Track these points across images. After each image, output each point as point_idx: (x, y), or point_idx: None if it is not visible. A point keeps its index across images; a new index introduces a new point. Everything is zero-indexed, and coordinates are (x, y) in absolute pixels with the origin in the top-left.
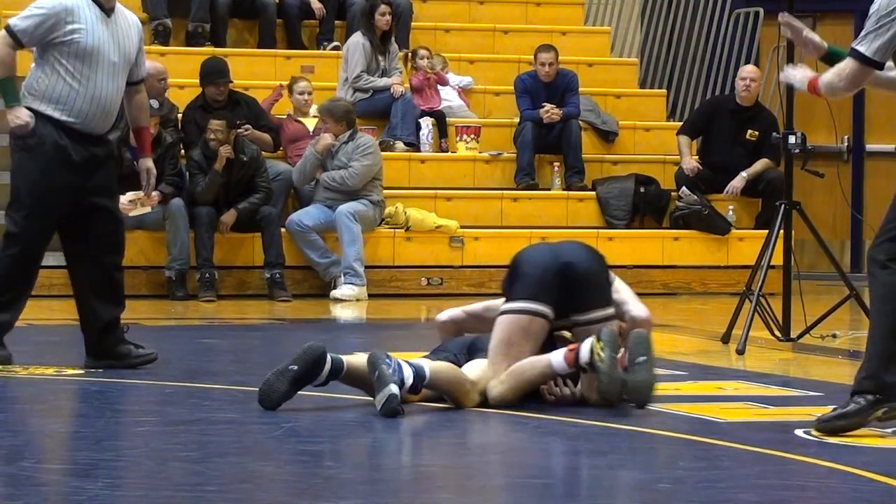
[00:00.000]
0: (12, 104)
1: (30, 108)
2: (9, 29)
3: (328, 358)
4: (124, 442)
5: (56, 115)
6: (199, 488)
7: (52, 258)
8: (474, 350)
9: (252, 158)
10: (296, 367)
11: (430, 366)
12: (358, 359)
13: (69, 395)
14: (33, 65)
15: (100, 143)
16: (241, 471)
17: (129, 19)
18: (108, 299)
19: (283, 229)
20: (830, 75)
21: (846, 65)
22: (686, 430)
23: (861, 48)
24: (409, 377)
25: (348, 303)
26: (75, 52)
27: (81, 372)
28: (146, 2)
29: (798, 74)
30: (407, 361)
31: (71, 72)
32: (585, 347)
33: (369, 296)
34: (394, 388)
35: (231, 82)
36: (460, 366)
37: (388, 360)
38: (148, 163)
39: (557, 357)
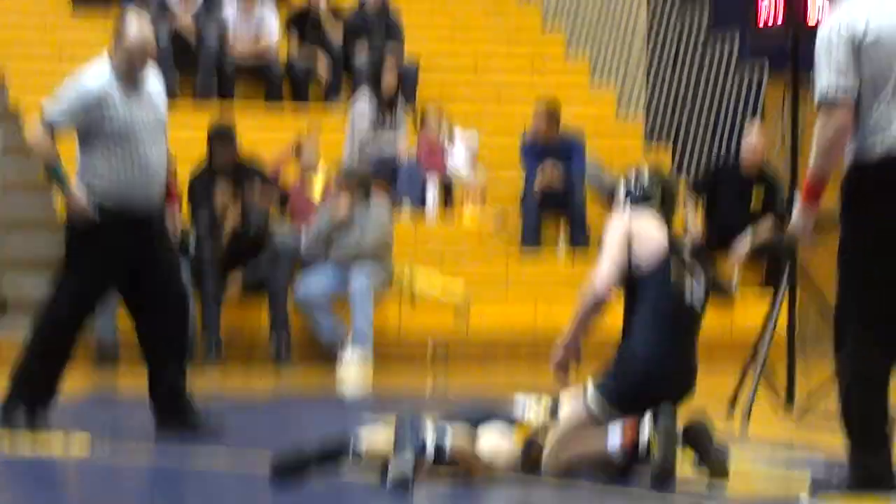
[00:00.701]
0: (68, 193)
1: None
2: (45, 120)
3: (350, 447)
4: None
5: (100, 191)
6: None
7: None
8: (491, 418)
9: (257, 225)
10: (313, 458)
11: (450, 443)
12: (378, 438)
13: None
14: (78, 149)
15: (138, 222)
16: None
17: (156, 85)
18: None
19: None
20: (814, 151)
21: (819, 122)
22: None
23: (819, 97)
24: (430, 453)
25: (354, 369)
26: (111, 132)
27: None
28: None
29: (795, 224)
30: (434, 431)
31: (115, 153)
32: (644, 438)
33: (375, 363)
34: (408, 466)
35: (236, 147)
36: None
37: (413, 428)
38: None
39: (614, 439)
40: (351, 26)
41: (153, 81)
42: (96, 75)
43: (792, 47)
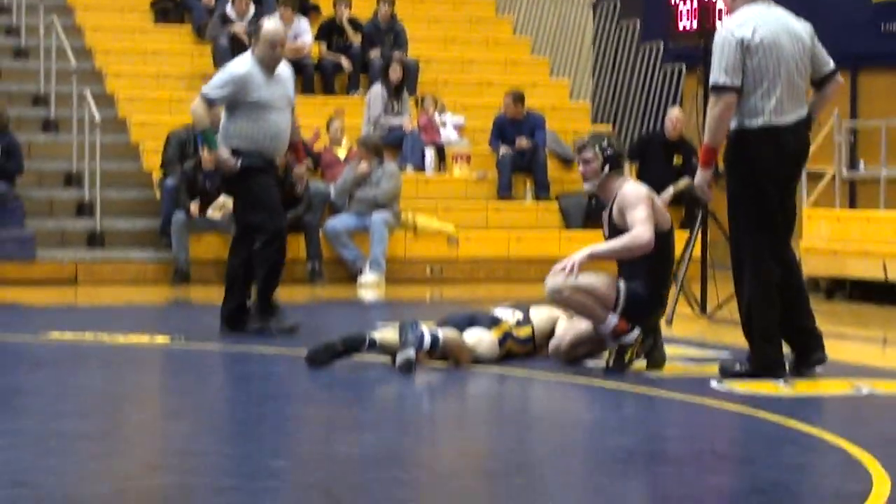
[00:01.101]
0: (214, 149)
1: (233, 148)
2: (203, 96)
3: (366, 339)
4: (201, 391)
5: (245, 147)
6: (257, 425)
7: (149, 253)
8: (474, 322)
9: (297, 177)
10: (339, 346)
11: (442, 335)
12: (388, 334)
13: (158, 357)
14: (223, 115)
15: (273, 167)
16: (289, 412)
17: (286, 71)
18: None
19: (321, 232)
20: (708, 125)
21: (712, 102)
22: (626, 381)
23: (712, 83)
24: (427, 343)
25: (371, 287)
26: (253, 104)
27: (168, 340)
28: (216, 60)
29: (699, 177)
30: (429, 330)
31: (253, 117)
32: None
33: (386, 281)
34: (411, 353)
35: None
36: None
37: (413, 327)
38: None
39: (612, 320)
40: (367, 33)
41: (284, 68)
42: (242, 62)
43: (704, 50)
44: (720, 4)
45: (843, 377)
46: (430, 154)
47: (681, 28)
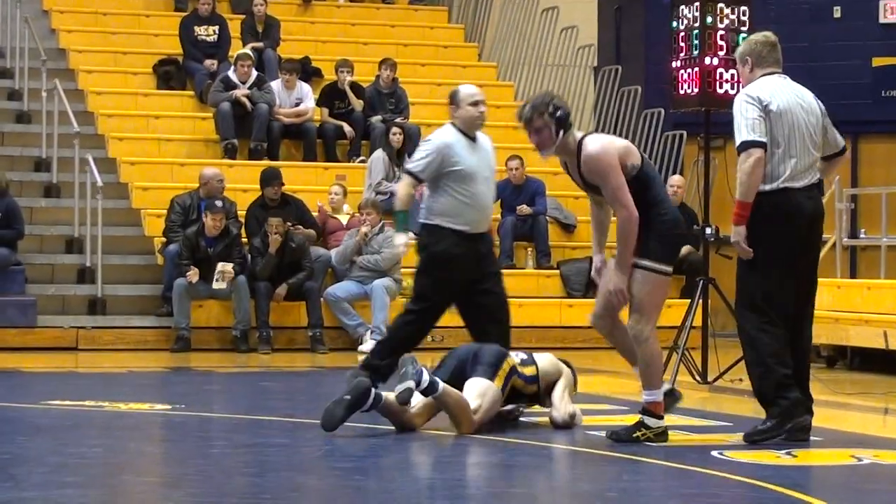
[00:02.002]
0: (400, 231)
1: (434, 225)
2: (409, 172)
3: (373, 391)
4: (201, 460)
5: (453, 226)
6: (258, 496)
7: (151, 320)
8: (476, 360)
9: (299, 245)
10: (349, 397)
11: (443, 386)
12: (392, 395)
13: (158, 425)
14: (426, 191)
15: (483, 239)
16: (290, 483)
17: (487, 140)
18: None
19: (322, 299)
20: (739, 179)
21: (742, 159)
22: (628, 451)
23: (739, 143)
24: (425, 381)
25: None
26: (457, 174)
27: (168, 407)
28: (218, 125)
29: (737, 233)
30: (429, 372)
31: (459, 191)
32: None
33: None
34: (411, 384)
35: (283, 185)
36: (465, 370)
37: (414, 363)
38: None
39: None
40: (368, 98)
41: (484, 137)
42: (443, 134)
43: (705, 117)
44: (721, 72)
45: (844, 447)
46: None
47: (682, 95)
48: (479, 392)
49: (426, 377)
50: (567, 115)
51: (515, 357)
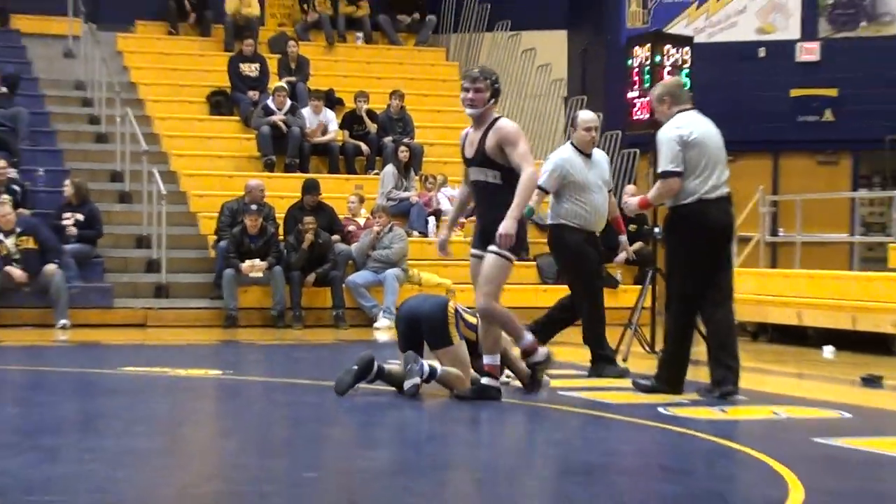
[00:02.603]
0: (527, 215)
1: (559, 224)
2: (539, 187)
3: (376, 363)
4: (246, 415)
5: (575, 225)
6: (293, 444)
7: (205, 302)
8: (431, 333)
9: (325, 241)
10: (356, 367)
11: (441, 369)
12: (394, 366)
13: (212, 387)
14: (551, 198)
15: (596, 240)
16: (318, 433)
17: (601, 155)
18: None
19: (344, 285)
20: (654, 193)
21: (659, 185)
22: (589, 407)
23: (660, 172)
24: (426, 373)
25: (384, 330)
26: (574, 184)
27: (220, 373)
28: (259, 145)
29: (633, 200)
30: (428, 363)
31: (577, 198)
32: (540, 356)
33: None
34: (417, 380)
35: (320, 194)
36: (417, 330)
37: (417, 361)
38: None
39: (528, 337)
40: (381, 123)
41: (600, 154)
42: (562, 151)
43: (654, 138)
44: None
45: (765, 404)
46: (431, 221)
47: (635, 120)
48: (459, 361)
49: (427, 368)
50: (499, 91)
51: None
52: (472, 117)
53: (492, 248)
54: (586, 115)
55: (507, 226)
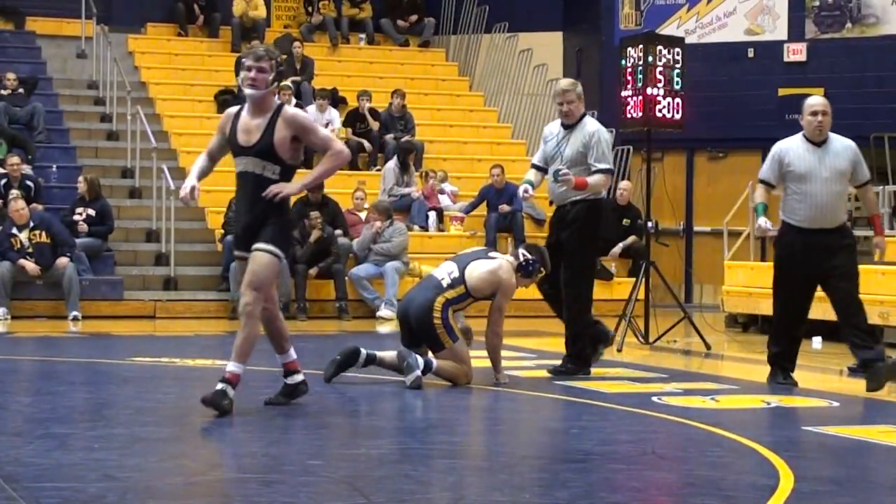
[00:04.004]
0: (760, 215)
1: (782, 220)
2: (761, 180)
3: (362, 352)
4: (251, 404)
5: (793, 222)
6: (296, 431)
7: (213, 294)
8: (424, 335)
9: (328, 235)
10: (338, 357)
11: (436, 363)
12: (387, 353)
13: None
14: (784, 193)
15: (832, 233)
16: (320, 421)
17: (843, 143)
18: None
19: (346, 278)
20: (595, 181)
21: (602, 177)
22: (585, 396)
23: (605, 168)
24: (422, 365)
25: (386, 321)
26: (794, 177)
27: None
28: None
29: (570, 177)
30: (423, 357)
31: (794, 190)
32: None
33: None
34: (419, 373)
35: (323, 188)
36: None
37: (410, 355)
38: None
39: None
40: (383, 121)
41: (837, 142)
42: (784, 141)
43: (647, 136)
44: (660, 99)
45: (756, 394)
46: (431, 216)
47: (629, 118)
48: (459, 360)
49: (423, 363)
50: (282, 75)
51: (447, 278)
52: (251, 99)
53: (260, 245)
54: (812, 100)
55: (292, 188)
